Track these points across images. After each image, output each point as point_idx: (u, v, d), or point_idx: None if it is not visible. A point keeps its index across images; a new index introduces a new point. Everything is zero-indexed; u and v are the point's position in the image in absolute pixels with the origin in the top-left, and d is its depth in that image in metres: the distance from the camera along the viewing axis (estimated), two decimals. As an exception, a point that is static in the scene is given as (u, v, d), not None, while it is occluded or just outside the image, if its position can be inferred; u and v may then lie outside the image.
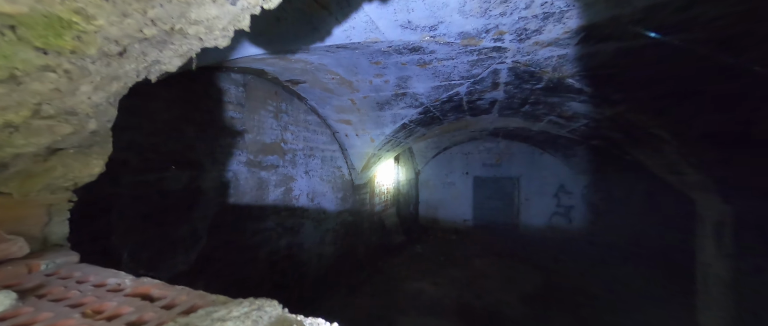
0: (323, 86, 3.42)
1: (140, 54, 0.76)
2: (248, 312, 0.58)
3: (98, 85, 0.75)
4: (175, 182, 2.31)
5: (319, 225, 4.25)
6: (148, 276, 0.80)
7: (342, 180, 4.91)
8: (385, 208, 6.80)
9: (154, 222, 2.17)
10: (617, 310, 4.05)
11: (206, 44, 0.83)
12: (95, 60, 0.69)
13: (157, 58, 0.80)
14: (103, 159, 0.93)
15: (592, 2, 1.65)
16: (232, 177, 2.83)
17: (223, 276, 2.73)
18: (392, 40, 2.13)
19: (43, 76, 0.64)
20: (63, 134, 0.77)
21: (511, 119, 4.90)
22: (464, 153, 8.83)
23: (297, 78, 3.23)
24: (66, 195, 0.93)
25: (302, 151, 3.93)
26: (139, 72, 0.82)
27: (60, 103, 0.71)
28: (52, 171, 0.84)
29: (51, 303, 0.69)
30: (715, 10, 1.63)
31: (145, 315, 0.64)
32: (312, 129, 4.17)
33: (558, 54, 2.33)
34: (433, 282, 5.00)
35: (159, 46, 0.77)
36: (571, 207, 7.66)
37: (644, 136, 3.39)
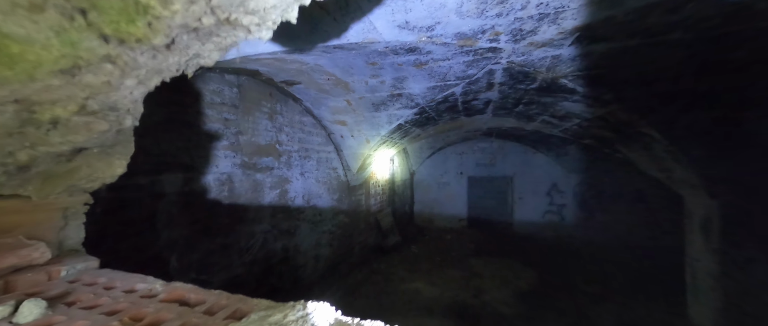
0: (318, 87, 3.40)
1: (185, 47, 0.70)
2: (304, 316, 0.57)
3: (142, 79, 0.69)
4: (169, 185, 2.25)
5: (315, 226, 4.21)
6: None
7: (337, 182, 4.88)
8: (381, 209, 6.79)
9: (149, 226, 2.11)
10: (609, 305, 4.13)
11: (253, 37, 0.76)
12: (145, 51, 0.63)
13: (198, 52, 0.74)
14: (125, 159, 0.88)
15: (587, 3, 1.68)
16: (226, 179, 2.78)
17: (218, 280, 2.68)
18: (389, 40, 2.13)
19: (101, 68, 0.57)
20: (99, 131, 0.71)
21: (505, 119, 4.96)
22: (458, 153, 8.90)
23: (292, 79, 3.20)
24: (83, 198, 0.88)
25: (297, 153, 3.90)
26: (179, 65, 0.76)
27: (105, 97, 0.65)
28: (76, 172, 0.78)
29: (83, 310, 0.66)
30: (704, 11, 1.68)
31: (189, 320, 0.61)
32: (307, 130, 4.14)
33: (552, 54, 2.37)
34: (430, 282, 5.01)
35: (203, 38, 0.71)
36: (563, 205, 7.80)
37: (634, 134, 3.47)
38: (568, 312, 3.98)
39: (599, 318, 3.83)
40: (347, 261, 5.11)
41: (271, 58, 2.52)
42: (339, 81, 3.20)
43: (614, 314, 3.90)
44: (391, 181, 7.51)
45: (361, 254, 5.68)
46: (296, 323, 0.54)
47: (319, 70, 2.92)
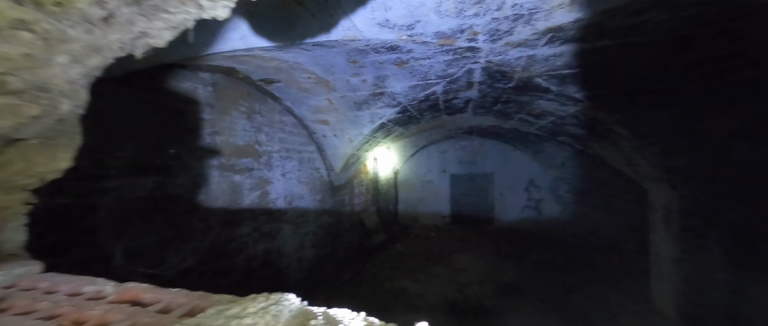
0: (299, 85, 3.33)
1: (127, 22, 0.64)
2: (266, 306, 0.54)
3: (77, 57, 0.63)
4: (140, 189, 2.12)
5: (298, 228, 4.13)
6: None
7: (320, 182, 4.81)
8: (365, 208, 6.77)
9: (115, 234, 1.97)
10: (583, 293, 4.36)
11: (205, 14, 0.71)
12: (76, 24, 0.57)
13: (145, 29, 0.68)
14: (70, 152, 0.79)
15: (557, 5, 1.76)
16: (202, 182, 2.66)
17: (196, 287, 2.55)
18: (370, 38, 2.12)
19: (16, 36, 0.51)
20: (29, 117, 0.63)
21: (485, 117, 5.09)
22: (441, 151, 9.04)
23: (271, 77, 3.11)
24: (22, 197, 0.79)
25: (278, 153, 3.80)
26: (123, 44, 0.69)
27: (30, 74, 0.58)
28: (10, 165, 0.70)
29: (16, 317, 0.59)
30: (664, 15, 1.80)
31: (140, 320, 0.56)
32: (288, 130, 4.04)
33: (527, 54, 2.45)
34: (415, 279, 5.06)
35: (150, 14, 0.65)
36: (540, 200, 8.13)
37: (603, 132, 3.67)
38: (547, 302, 4.16)
39: (575, 305, 4.03)
40: (332, 262, 5.05)
41: (248, 55, 2.43)
42: (320, 79, 3.15)
43: (589, 301, 4.12)
44: (375, 180, 7.50)
45: (346, 254, 5.64)
46: (256, 314, 0.51)
47: (298, 68, 2.86)
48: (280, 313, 0.53)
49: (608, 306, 3.98)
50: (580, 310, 3.93)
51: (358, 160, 5.43)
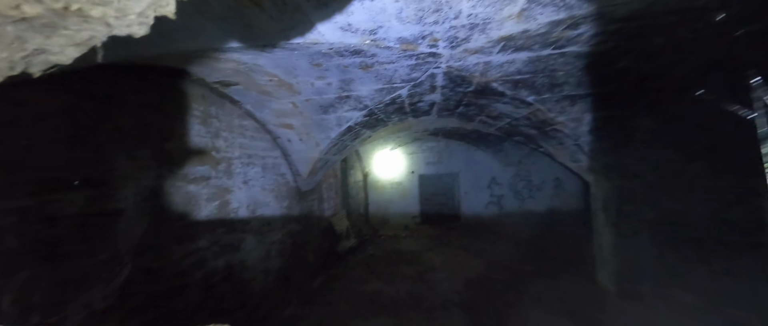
0: (260, 88, 3.18)
1: (15, 39, 0.57)
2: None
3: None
4: (68, 206, 1.86)
5: (263, 238, 3.93)
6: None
7: (287, 188, 4.63)
8: (336, 212, 6.66)
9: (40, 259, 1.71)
10: (541, 281, 4.74)
11: (116, 32, 0.66)
12: None
13: (42, 46, 0.61)
14: None
15: (507, 17, 1.91)
16: (149, 194, 2.42)
17: (144, 312, 2.30)
18: (333, 41, 2.10)
19: None
20: None
21: (448, 120, 5.32)
22: (409, 153, 9.24)
23: (228, 79, 2.93)
24: None
25: (239, 160, 3.58)
26: (13, 63, 0.61)
27: None
28: None
29: None
30: (595, 29, 2.04)
31: None
32: (249, 135, 3.83)
33: (483, 61, 2.62)
34: (387, 281, 5.09)
35: (45, 31, 0.59)
36: (501, 196, 8.69)
37: (551, 131, 4.05)
38: (510, 292, 4.45)
39: (535, 293, 4.36)
40: (302, 270, 4.89)
41: (201, 56, 2.27)
42: (282, 82, 3.05)
43: (546, 288, 4.49)
44: (344, 184, 7.42)
45: (317, 261, 5.49)
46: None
47: (258, 70, 2.74)
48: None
49: (561, 289, 4.38)
50: (537, 295, 4.27)
51: (326, 164, 5.33)
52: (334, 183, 6.73)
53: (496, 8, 1.83)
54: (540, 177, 8.39)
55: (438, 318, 3.87)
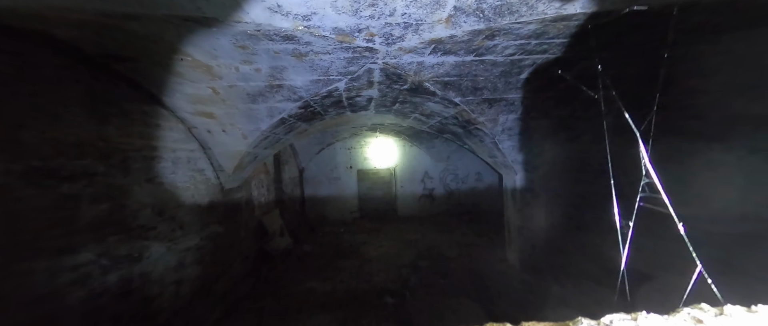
0: (168, 68, 2.68)
1: None
2: None
3: None
4: None
5: (174, 244, 3.36)
6: None
7: (206, 186, 4.06)
8: (267, 211, 6.17)
9: None
10: (464, 262, 5.35)
11: None
12: None
13: None
14: None
15: (437, 21, 2.05)
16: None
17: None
18: (260, 22, 1.91)
19: None
20: None
21: (386, 116, 5.47)
22: (347, 148, 9.17)
23: (121, 53, 2.38)
24: None
25: (140, 153, 2.97)
26: None
27: None
28: None
29: None
30: (507, 41, 2.36)
31: None
32: (154, 123, 3.21)
33: (417, 60, 2.76)
34: (324, 278, 4.99)
35: None
36: (433, 188, 9.43)
37: (473, 130, 4.56)
38: (437, 275, 4.88)
39: (458, 274, 4.88)
40: (226, 276, 4.38)
41: (77, 16, 1.78)
42: (198, 63, 2.63)
43: (466, 270, 5.07)
44: (278, 180, 6.92)
45: (245, 264, 5.00)
46: None
47: (164, 45, 2.30)
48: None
49: (479, 268, 5.03)
50: (459, 275, 4.81)
51: (255, 159, 4.87)
52: (265, 179, 6.21)
53: (427, 11, 1.94)
54: (465, 171, 9.40)
55: (373, 308, 3.99)
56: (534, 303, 3.86)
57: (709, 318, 0.67)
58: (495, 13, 1.96)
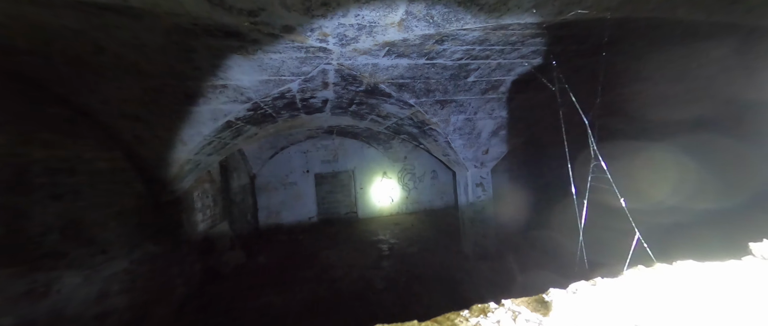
0: (79, 61, 2.26)
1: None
2: None
3: None
4: None
5: (94, 272, 2.85)
6: None
7: (136, 200, 3.53)
8: (214, 224, 5.59)
9: None
10: (427, 257, 5.55)
11: None
12: None
13: None
14: None
15: (389, 24, 2.10)
16: None
17: None
18: (198, 15, 1.73)
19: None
20: None
21: (342, 118, 5.40)
22: (303, 151, 8.82)
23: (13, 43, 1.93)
24: None
25: (41, 164, 2.45)
26: None
27: None
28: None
29: None
30: (455, 46, 2.52)
31: None
32: (63, 129, 2.68)
33: (372, 62, 2.79)
34: (282, 290, 4.71)
35: None
36: (392, 188, 9.59)
37: (428, 130, 4.77)
38: (402, 273, 4.98)
39: (424, 271, 5.05)
40: (166, 301, 3.85)
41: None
42: (122, 59, 2.27)
43: (430, 264, 5.27)
44: (225, 189, 6.33)
45: (189, 286, 4.46)
46: None
47: (71, 33, 1.94)
48: None
49: (437, 259, 5.28)
50: (423, 270, 4.98)
51: (197, 167, 4.38)
52: (210, 188, 5.63)
53: (380, 13, 1.98)
54: (422, 169, 9.77)
55: (337, 314, 3.90)
56: (486, 286, 4.19)
57: (643, 274, 0.90)
58: (443, 19, 2.08)
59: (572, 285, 0.86)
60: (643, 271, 0.92)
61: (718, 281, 0.83)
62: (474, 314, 0.78)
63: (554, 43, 2.63)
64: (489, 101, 4.03)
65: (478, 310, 0.79)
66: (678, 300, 0.77)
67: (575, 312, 0.73)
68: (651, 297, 0.79)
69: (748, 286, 0.79)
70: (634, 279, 0.88)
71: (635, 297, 0.79)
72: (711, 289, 0.79)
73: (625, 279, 0.89)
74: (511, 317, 0.74)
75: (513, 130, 4.76)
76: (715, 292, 0.78)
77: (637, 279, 0.88)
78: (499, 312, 0.77)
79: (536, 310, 0.77)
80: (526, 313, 0.75)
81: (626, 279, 0.89)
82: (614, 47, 2.76)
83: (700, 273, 0.87)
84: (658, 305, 0.76)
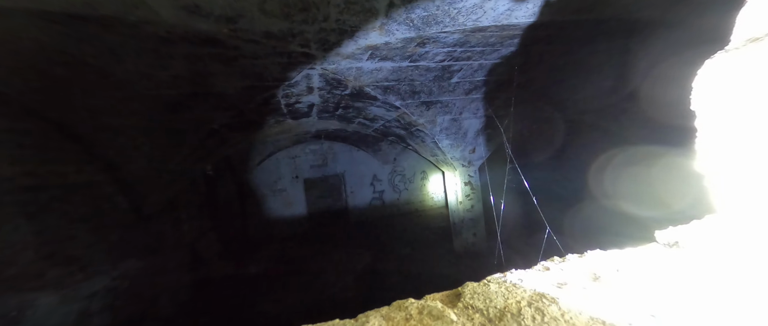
0: (49, 72, 2.17)
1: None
2: None
3: None
4: None
5: (72, 291, 2.72)
6: None
7: (115, 214, 3.40)
8: (201, 234, 5.44)
9: None
10: (418, 257, 5.58)
11: None
12: None
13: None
14: None
15: (371, 27, 2.11)
16: None
17: None
18: (173, 24, 1.69)
19: None
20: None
21: (330, 122, 5.37)
22: (291, 156, 8.71)
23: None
24: None
25: (12, 183, 2.33)
26: None
27: None
28: None
29: None
30: (437, 49, 2.56)
31: None
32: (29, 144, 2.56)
33: (356, 66, 2.80)
34: (274, 299, 4.63)
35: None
36: (382, 191, 9.59)
37: (415, 131, 4.81)
38: (395, 275, 4.98)
39: (416, 270, 5.06)
40: (151, 318, 3.71)
41: None
42: (87, 65, 2.20)
43: (420, 262, 5.29)
44: (212, 198, 6.18)
45: (174, 300, 4.32)
46: None
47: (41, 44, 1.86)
48: None
49: (429, 258, 5.32)
50: (416, 270, 5.00)
51: (181, 176, 4.26)
52: (196, 199, 5.48)
53: (361, 18, 1.99)
54: (411, 171, 9.82)
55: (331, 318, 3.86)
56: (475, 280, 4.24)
57: (554, 265, 0.98)
58: (423, 23, 2.11)
59: (487, 278, 0.94)
60: (555, 261, 1.00)
61: (619, 264, 0.92)
62: (392, 309, 0.85)
63: (531, 44, 2.71)
64: (473, 101, 4.11)
65: (396, 306, 0.86)
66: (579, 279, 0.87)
67: (482, 300, 0.82)
68: (551, 279, 0.89)
69: (642, 267, 0.90)
70: (544, 268, 0.96)
71: (541, 281, 0.88)
72: (611, 271, 0.89)
73: (536, 269, 0.96)
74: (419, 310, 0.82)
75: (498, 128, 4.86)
76: (614, 273, 0.88)
77: (545, 267, 0.96)
78: (413, 306, 0.84)
79: (450, 302, 0.86)
80: (434, 305, 0.82)
81: (537, 269, 0.96)
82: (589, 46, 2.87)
83: (605, 260, 0.96)
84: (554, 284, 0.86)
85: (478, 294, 0.85)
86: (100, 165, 3.26)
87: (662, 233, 1.01)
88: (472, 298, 0.84)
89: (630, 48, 2.91)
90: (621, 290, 0.80)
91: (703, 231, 0.94)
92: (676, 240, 0.96)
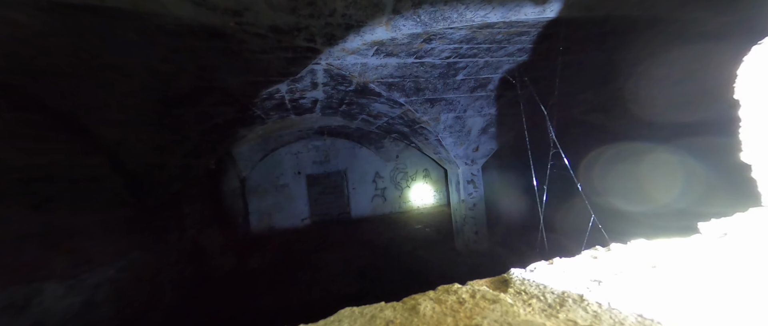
0: (55, 64, 2.18)
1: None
2: None
3: None
4: None
5: (77, 281, 2.75)
6: None
7: (120, 206, 3.43)
8: (202, 229, 5.48)
9: None
10: (419, 254, 5.58)
11: None
12: None
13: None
14: None
15: (377, 23, 2.10)
16: None
17: None
18: (180, 15, 1.69)
19: None
20: None
21: (333, 118, 5.37)
22: (293, 153, 8.73)
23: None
24: None
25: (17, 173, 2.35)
26: None
27: None
28: None
29: None
30: (443, 45, 2.54)
31: None
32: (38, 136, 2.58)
33: (361, 62, 2.78)
34: (276, 294, 4.66)
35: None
36: (384, 188, 9.60)
37: (419, 129, 4.79)
38: (396, 271, 4.99)
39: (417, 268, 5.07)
40: (155, 310, 3.76)
41: None
42: (99, 60, 2.20)
43: (422, 259, 5.30)
44: (215, 192, 6.21)
45: (179, 292, 4.36)
46: None
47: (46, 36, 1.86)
48: None
49: (431, 256, 5.32)
50: (417, 267, 5.01)
51: (185, 171, 4.29)
52: (198, 193, 5.51)
53: (368, 13, 1.97)
54: (414, 168, 9.81)
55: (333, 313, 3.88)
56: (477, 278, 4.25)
57: (601, 254, 0.97)
58: (430, 18, 2.09)
59: (532, 265, 0.94)
60: (600, 250, 1.00)
61: (667, 254, 0.92)
62: (439, 293, 0.85)
63: (540, 41, 2.68)
64: (478, 99, 4.08)
65: (443, 290, 0.86)
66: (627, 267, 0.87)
67: (534, 286, 0.83)
68: (603, 267, 0.89)
69: (696, 256, 0.90)
70: (590, 256, 0.96)
71: (589, 268, 0.89)
72: (658, 260, 0.89)
73: (582, 257, 0.96)
74: (470, 294, 0.82)
75: (502, 127, 4.83)
76: (662, 262, 0.88)
77: (593, 256, 0.96)
78: (462, 290, 0.84)
79: (497, 288, 0.86)
80: (485, 290, 0.83)
81: (583, 257, 0.96)
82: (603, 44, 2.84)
83: (650, 250, 0.96)
84: (608, 272, 0.86)
85: (528, 281, 0.86)
86: (105, 159, 3.28)
87: (707, 225, 1.02)
88: (522, 284, 0.85)
89: (633, 46, 2.88)
90: (682, 277, 0.80)
91: (750, 222, 0.95)
92: (724, 232, 0.98)
